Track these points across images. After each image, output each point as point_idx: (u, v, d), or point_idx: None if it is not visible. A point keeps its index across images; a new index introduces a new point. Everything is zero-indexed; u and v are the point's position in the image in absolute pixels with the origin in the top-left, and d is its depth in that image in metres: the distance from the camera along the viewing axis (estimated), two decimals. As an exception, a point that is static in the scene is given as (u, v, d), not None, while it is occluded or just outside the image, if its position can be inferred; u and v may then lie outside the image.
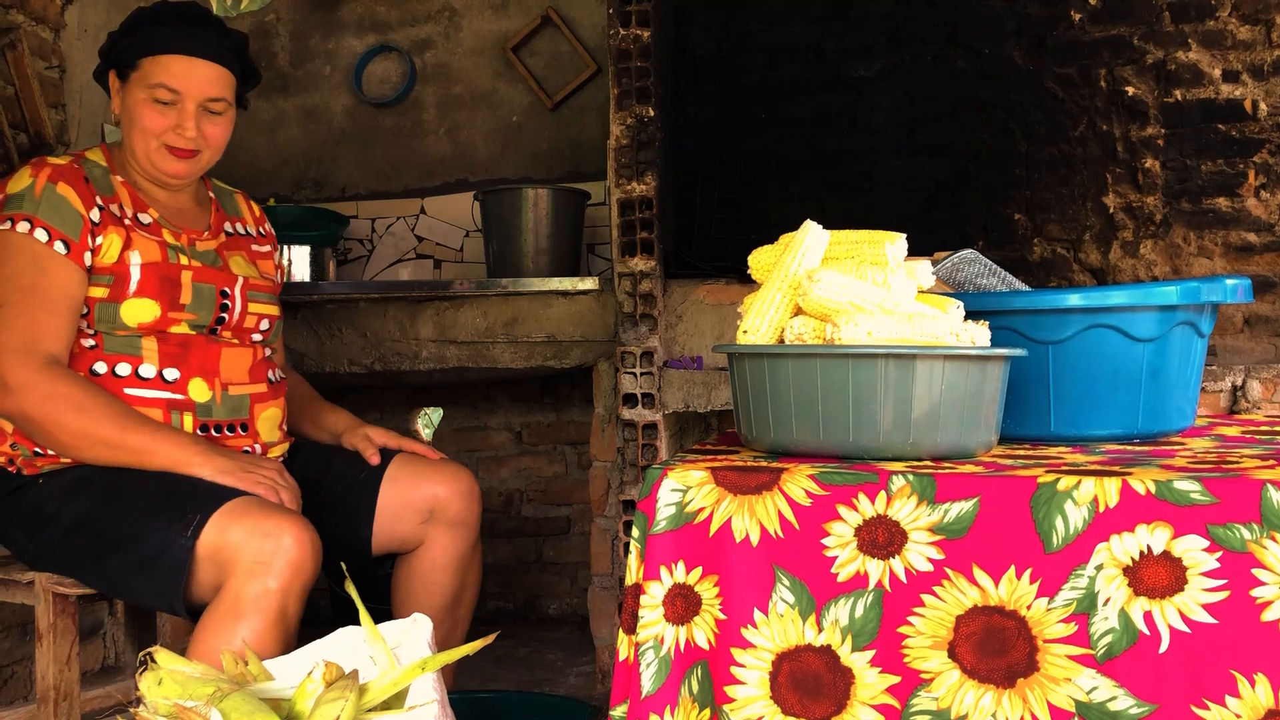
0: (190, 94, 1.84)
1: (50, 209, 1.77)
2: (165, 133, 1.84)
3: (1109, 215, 2.70)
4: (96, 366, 1.79)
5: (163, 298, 1.81)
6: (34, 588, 1.79)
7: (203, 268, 1.88)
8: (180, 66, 1.83)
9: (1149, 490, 1.10)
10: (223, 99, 1.88)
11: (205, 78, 1.85)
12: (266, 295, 1.98)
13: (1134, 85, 2.68)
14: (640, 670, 1.20)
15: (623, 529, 2.57)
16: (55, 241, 1.75)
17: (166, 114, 1.84)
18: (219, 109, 1.88)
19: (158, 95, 1.83)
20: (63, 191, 1.79)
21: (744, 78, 2.93)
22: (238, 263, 1.96)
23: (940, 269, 1.69)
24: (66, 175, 1.81)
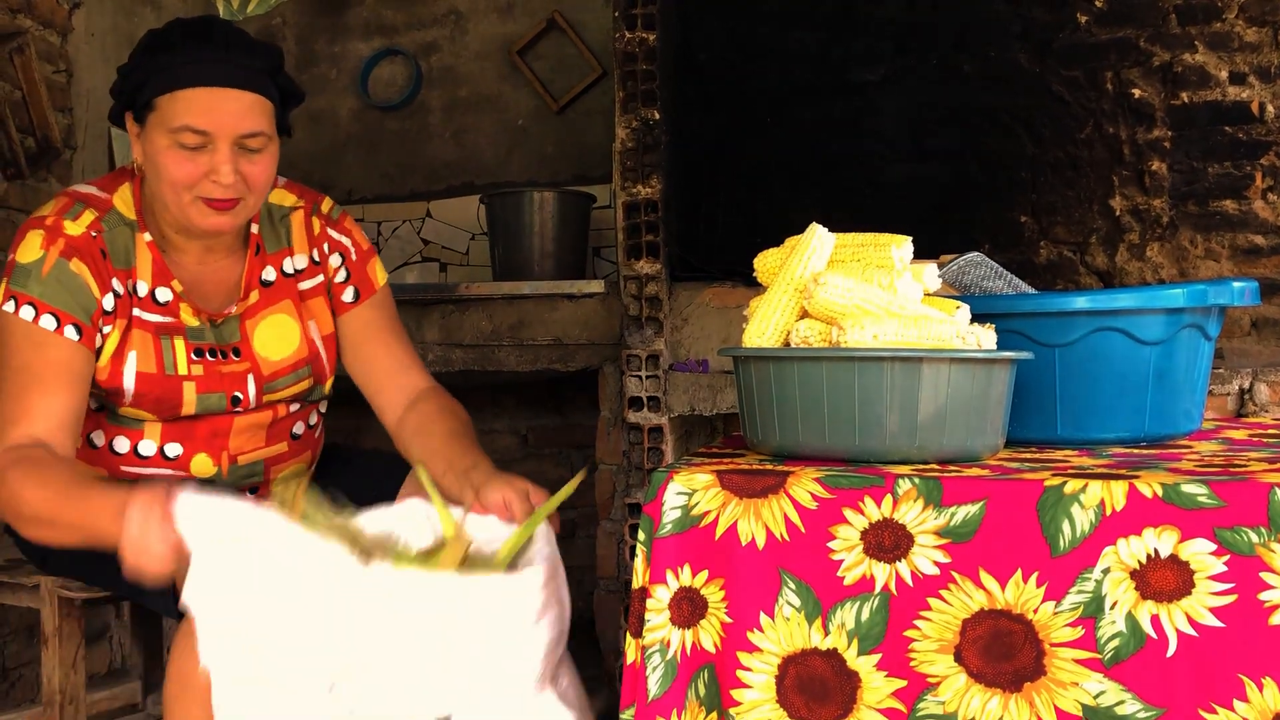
0: (221, 133, 1.55)
1: (60, 290, 1.57)
2: (198, 183, 1.56)
3: (1115, 218, 2.70)
4: (94, 437, 1.69)
5: (160, 411, 1.66)
6: (39, 591, 1.79)
7: (209, 370, 1.67)
8: (205, 101, 1.54)
9: (1156, 494, 1.10)
10: (261, 133, 1.58)
11: (237, 111, 1.55)
12: (295, 374, 1.73)
13: (1140, 88, 2.67)
14: (647, 674, 1.20)
15: (628, 532, 2.57)
16: (66, 326, 1.57)
17: (196, 160, 1.55)
18: (258, 145, 1.58)
19: (183, 140, 1.54)
20: (76, 269, 1.58)
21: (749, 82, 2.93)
22: (269, 331, 1.72)
23: (946, 272, 1.69)
24: (81, 250, 1.59)
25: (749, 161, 2.91)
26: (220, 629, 1.30)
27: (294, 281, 1.76)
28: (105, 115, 3.04)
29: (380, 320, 1.82)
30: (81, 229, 1.61)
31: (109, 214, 1.64)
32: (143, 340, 1.64)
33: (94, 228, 1.62)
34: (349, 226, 1.82)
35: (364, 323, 1.81)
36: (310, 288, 1.77)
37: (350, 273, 1.80)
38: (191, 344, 1.68)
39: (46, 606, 1.78)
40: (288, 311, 1.74)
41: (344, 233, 1.81)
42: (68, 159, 2.92)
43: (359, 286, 1.80)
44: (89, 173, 2.98)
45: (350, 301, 1.80)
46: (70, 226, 1.61)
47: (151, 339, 1.65)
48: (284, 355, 1.73)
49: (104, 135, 3.06)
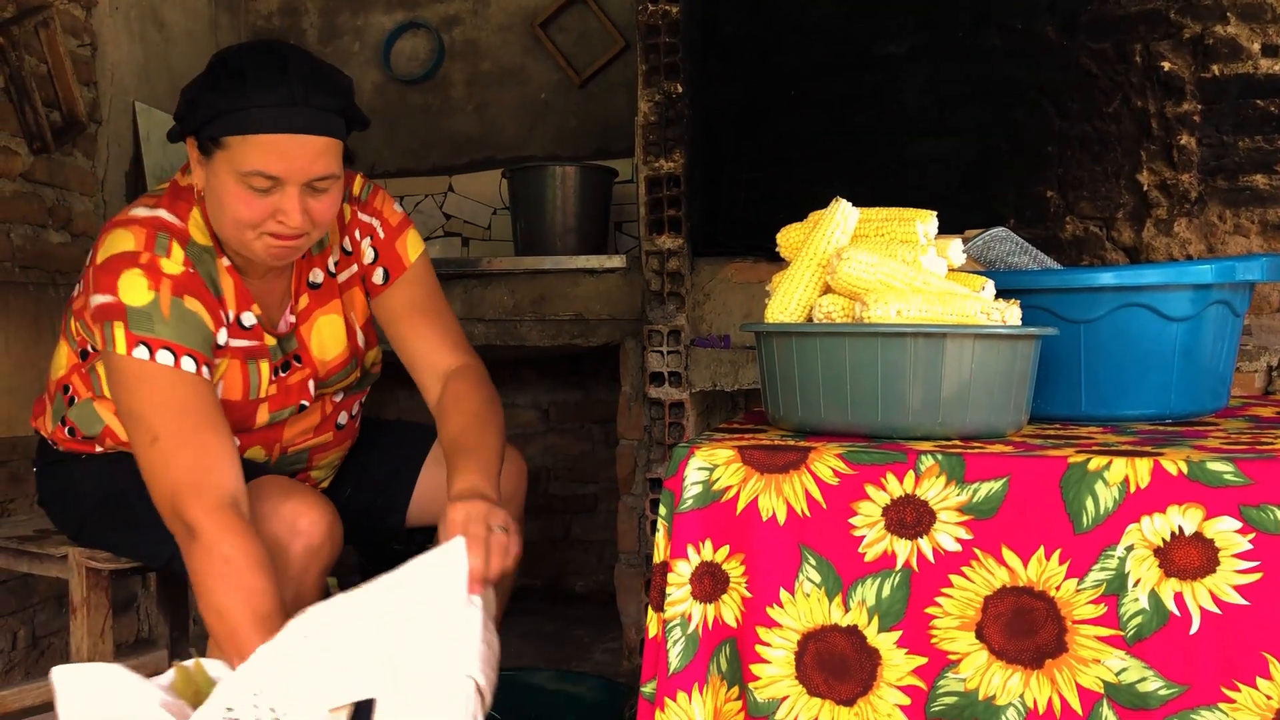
0: (293, 179, 1.50)
1: (188, 330, 1.53)
2: (264, 222, 1.53)
3: (1143, 193, 2.67)
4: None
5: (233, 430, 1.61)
6: (68, 561, 1.82)
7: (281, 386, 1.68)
8: (280, 148, 1.48)
9: (1181, 471, 1.09)
10: (330, 175, 1.54)
11: (310, 156, 1.50)
12: (344, 371, 1.75)
13: (1170, 60, 2.64)
14: (668, 647, 1.21)
15: (649, 507, 2.57)
16: (202, 368, 1.54)
17: (265, 201, 1.51)
18: (326, 186, 1.54)
19: (253, 183, 1.50)
20: (193, 308, 1.55)
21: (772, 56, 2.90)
22: (322, 332, 1.72)
23: (971, 247, 1.67)
24: (190, 287, 1.55)
25: (772, 136, 2.90)
26: None
27: (335, 280, 1.75)
28: (129, 89, 3.05)
29: (409, 300, 1.78)
30: (179, 267, 1.56)
31: (190, 244, 1.60)
32: (231, 368, 1.63)
33: (187, 264, 1.57)
34: (378, 206, 1.78)
35: (394, 304, 1.78)
36: (347, 279, 1.76)
37: (378, 252, 1.77)
38: (275, 363, 1.68)
39: (74, 577, 1.81)
40: (335, 310, 1.73)
41: (373, 214, 1.77)
42: (93, 133, 2.93)
43: (388, 266, 1.77)
44: (114, 147, 2.99)
45: (381, 283, 1.77)
46: (168, 265, 1.55)
47: (240, 365, 1.64)
48: (337, 354, 1.74)
49: (128, 110, 3.07)
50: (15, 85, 2.67)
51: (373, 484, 1.87)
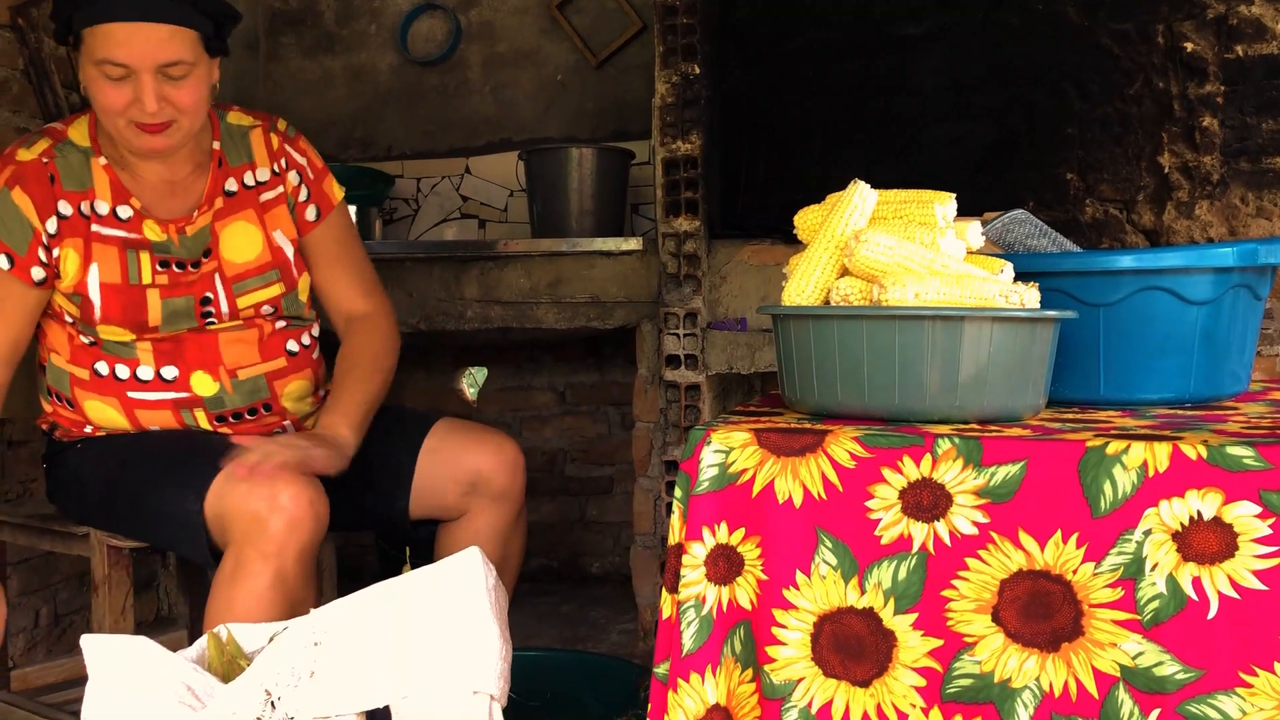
0: (140, 65, 1.61)
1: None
2: (127, 109, 1.64)
3: (1164, 175, 2.65)
4: (99, 367, 1.76)
5: (127, 322, 1.73)
6: (89, 540, 1.83)
7: (174, 279, 1.75)
8: (122, 34, 1.60)
9: (1200, 455, 1.09)
10: (180, 61, 1.63)
11: (155, 43, 1.61)
12: (262, 277, 1.81)
13: (1193, 41, 2.61)
14: (682, 629, 1.21)
15: (665, 489, 2.58)
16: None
17: (122, 89, 1.63)
18: (180, 73, 1.64)
19: (106, 71, 1.62)
20: (17, 200, 1.68)
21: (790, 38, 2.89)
22: (234, 236, 1.81)
23: (990, 230, 1.66)
24: (27, 177, 1.69)
25: (789, 117, 2.88)
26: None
27: (255, 193, 1.84)
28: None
29: (329, 240, 1.91)
30: (34, 155, 1.71)
31: (63, 143, 1.74)
32: (106, 253, 1.72)
33: (46, 154, 1.72)
34: (304, 146, 1.92)
35: (317, 243, 1.90)
36: (272, 198, 1.85)
37: (310, 191, 1.89)
38: (157, 256, 1.76)
39: (96, 555, 1.83)
40: (250, 220, 1.83)
41: (300, 151, 1.90)
42: (111, 115, 2.94)
43: (319, 204, 1.91)
44: (132, 128, 3.00)
45: (313, 220, 1.90)
46: (22, 154, 1.71)
47: (116, 251, 1.73)
48: (249, 258, 1.81)
49: (147, 91, 3.07)
50: (35, 67, 2.69)
51: (371, 468, 1.86)
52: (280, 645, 1.30)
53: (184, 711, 1.25)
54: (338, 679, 1.28)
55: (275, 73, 3.59)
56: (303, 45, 3.57)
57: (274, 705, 1.26)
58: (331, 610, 1.33)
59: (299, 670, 1.28)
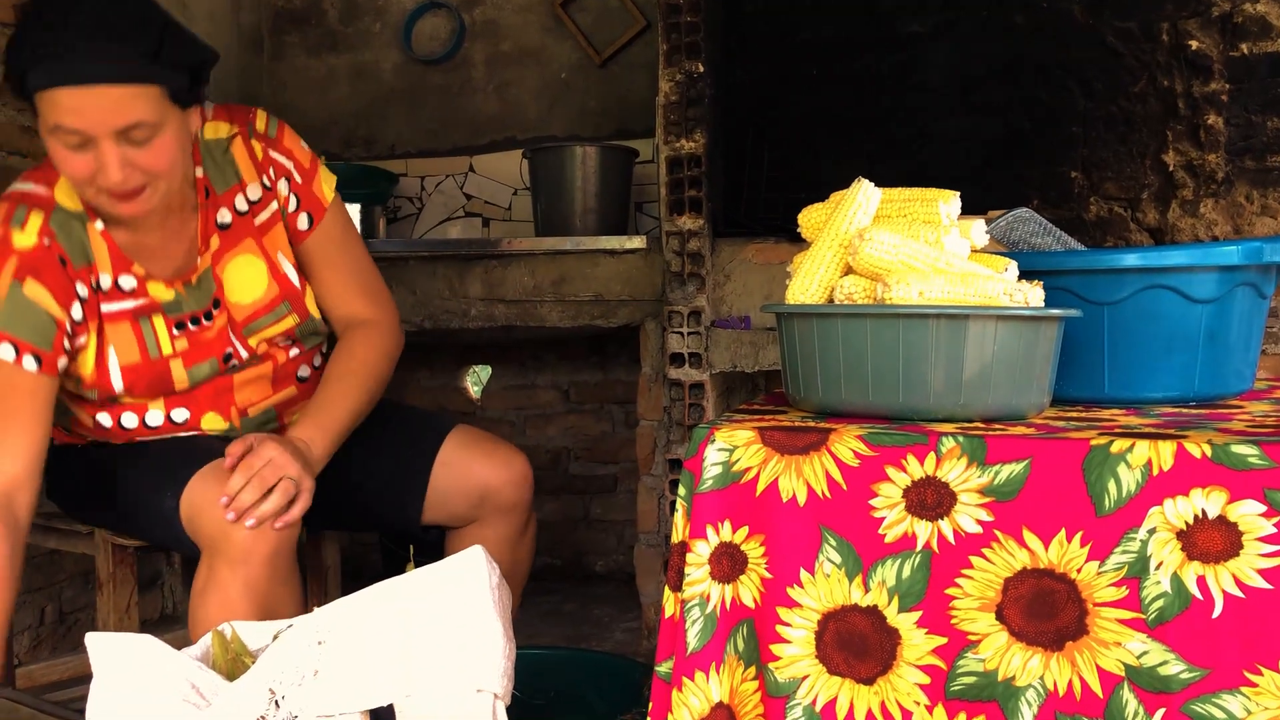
0: (96, 131, 1.44)
1: (18, 318, 1.53)
2: (93, 178, 1.48)
3: (1168, 173, 2.64)
4: (101, 418, 1.71)
5: (152, 394, 1.66)
6: (94, 538, 1.84)
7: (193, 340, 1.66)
8: (72, 101, 1.42)
9: (1205, 454, 1.08)
10: (141, 124, 1.46)
11: (108, 107, 1.43)
12: (272, 314, 1.71)
13: (1198, 39, 2.60)
14: (686, 627, 1.21)
15: (669, 487, 2.58)
16: (24, 357, 1.54)
17: (83, 157, 1.46)
18: (142, 135, 1.47)
19: (63, 139, 1.46)
20: (31, 294, 1.53)
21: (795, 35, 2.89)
22: (237, 274, 1.68)
23: (994, 228, 1.66)
24: (38, 266, 1.54)
25: (794, 115, 2.88)
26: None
27: (250, 218, 1.70)
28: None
29: (324, 246, 1.77)
30: (33, 239, 1.55)
31: (55, 212, 1.57)
32: (119, 331, 1.62)
33: (44, 233, 1.56)
34: (288, 145, 1.74)
35: (312, 250, 1.77)
36: (268, 218, 1.71)
37: (299, 198, 1.74)
38: (171, 319, 1.66)
39: (101, 553, 1.83)
40: (250, 251, 1.70)
41: (285, 152, 1.73)
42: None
43: (310, 210, 1.75)
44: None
45: (306, 229, 1.75)
46: (20, 238, 1.55)
47: (129, 325, 1.63)
48: (256, 297, 1.70)
49: (151, 90, 3.08)
50: (39, 66, 2.68)
51: (384, 475, 1.84)
52: (284, 644, 1.30)
53: (189, 710, 1.25)
54: (341, 678, 1.29)
55: (279, 71, 3.59)
56: (307, 44, 3.58)
57: (278, 704, 1.26)
58: (335, 609, 1.33)
59: (303, 669, 1.28)
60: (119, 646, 1.31)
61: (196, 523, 1.56)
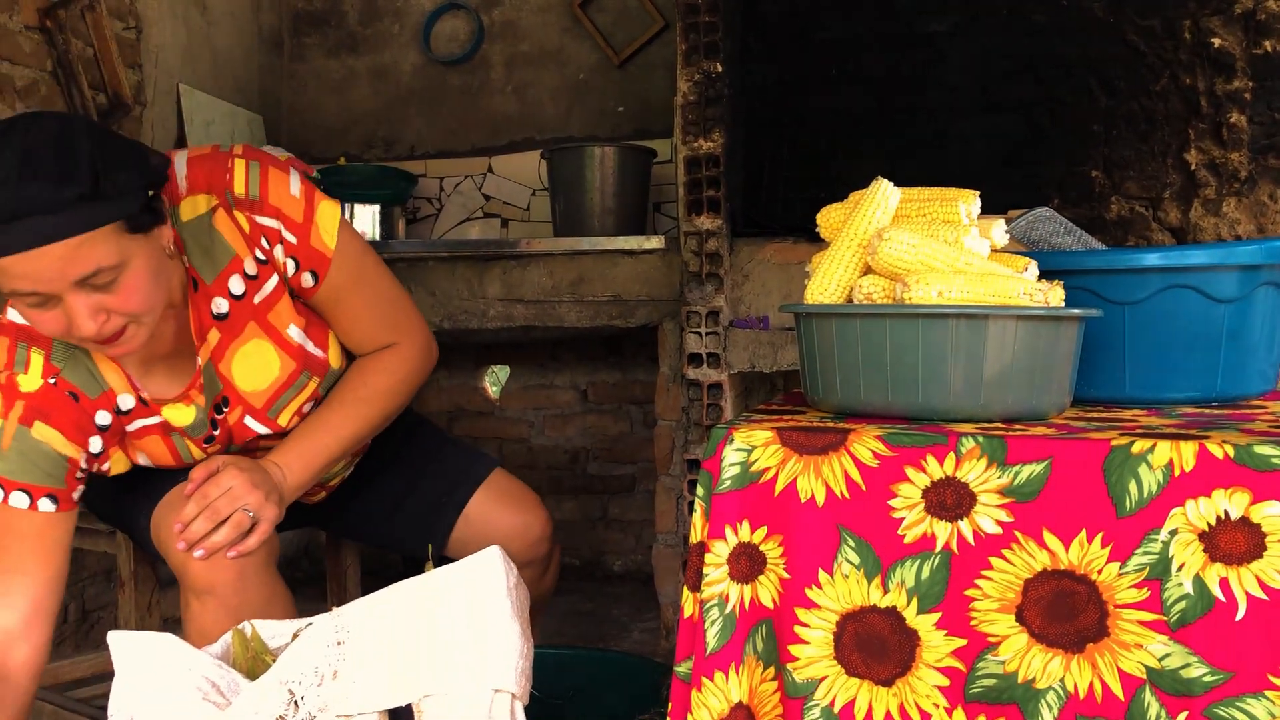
0: (56, 289, 1.30)
1: (27, 464, 1.46)
2: (69, 331, 1.35)
3: (1190, 172, 2.62)
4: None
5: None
6: (116, 537, 1.85)
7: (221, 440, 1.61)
8: (19, 268, 1.27)
9: (1227, 455, 1.07)
10: (100, 269, 1.30)
11: (58, 265, 1.27)
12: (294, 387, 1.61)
13: (1220, 37, 2.58)
14: (705, 627, 1.21)
15: (687, 487, 2.58)
16: (40, 500, 1.47)
17: (53, 314, 1.33)
18: (104, 279, 1.31)
19: (26, 302, 1.33)
20: (40, 435, 1.46)
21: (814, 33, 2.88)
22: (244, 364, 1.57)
23: (1015, 227, 1.66)
24: (45, 408, 1.46)
25: (813, 114, 2.87)
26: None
27: (247, 300, 1.54)
28: (173, 71, 3.08)
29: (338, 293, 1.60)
30: (37, 381, 1.47)
31: (55, 347, 1.48)
32: (151, 444, 1.58)
33: (48, 373, 1.47)
34: (275, 202, 1.52)
35: (323, 302, 1.61)
36: (269, 294, 1.55)
37: (298, 260, 1.54)
38: (197, 439, 1.60)
39: (123, 552, 1.84)
40: (255, 336, 1.56)
41: (273, 214, 1.51)
42: (138, 115, 2.97)
43: (314, 268, 1.56)
44: (159, 129, 3.03)
45: (312, 285, 1.57)
46: (25, 382, 1.47)
47: (159, 439, 1.58)
48: (272, 379, 1.59)
49: (172, 91, 3.10)
50: (63, 68, 2.71)
51: (415, 509, 1.83)
52: (303, 643, 1.31)
53: (209, 708, 1.26)
54: (360, 678, 1.29)
55: (299, 72, 3.61)
56: (326, 45, 3.59)
57: (297, 704, 1.26)
58: (354, 609, 1.34)
59: (322, 669, 1.28)
60: (140, 644, 1.32)
61: (162, 550, 1.56)
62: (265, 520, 1.50)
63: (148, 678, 1.29)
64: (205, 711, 1.26)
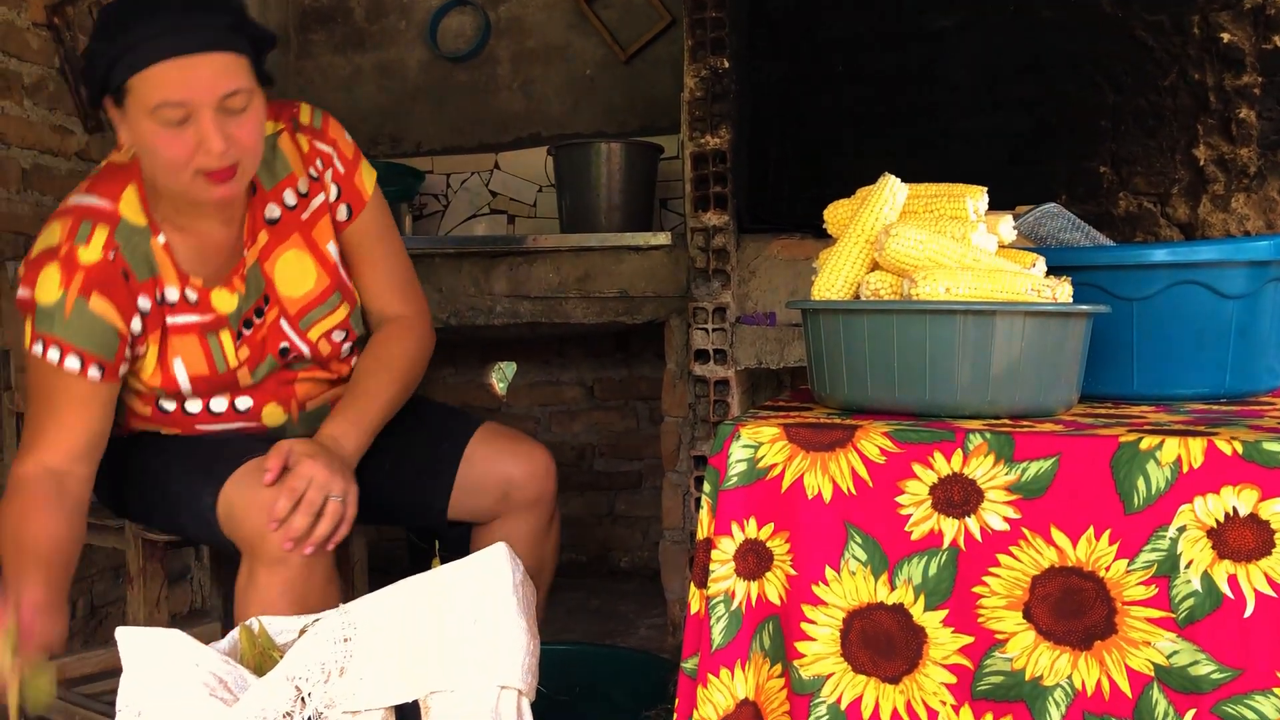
0: (201, 100, 1.49)
1: (84, 332, 1.59)
2: (192, 158, 1.52)
3: (1199, 168, 2.61)
4: (164, 404, 1.74)
5: (219, 393, 1.72)
6: (125, 533, 1.86)
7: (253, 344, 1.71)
8: (176, 72, 1.48)
9: (1236, 451, 1.07)
10: (239, 90, 1.52)
11: (211, 75, 1.49)
12: (325, 305, 1.76)
13: (1230, 31, 2.57)
14: (711, 624, 1.21)
15: (694, 484, 2.58)
16: (89, 367, 1.61)
17: (183, 135, 1.51)
18: (240, 103, 1.52)
19: (164, 116, 1.49)
20: (96, 308, 1.59)
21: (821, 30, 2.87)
22: (286, 269, 1.72)
23: (1022, 223, 1.65)
24: (103, 281, 1.59)
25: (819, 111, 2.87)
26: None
27: (298, 213, 1.73)
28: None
29: (362, 239, 1.80)
30: (98, 254, 1.60)
31: (119, 226, 1.62)
32: (187, 344, 1.68)
33: (109, 247, 1.61)
34: (333, 135, 1.77)
35: (350, 242, 1.80)
36: (314, 211, 1.74)
37: (341, 188, 1.77)
38: (235, 328, 1.70)
39: (131, 548, 1.85)
40: (298, 245, 1.73)
41: (329, 142, 1.76)
42: (145, 112, 2.97)
43: (350, 202, 1.78)
44: (165, 126, 3.03)
45: (345, 219, 1.78)
46: (85, 254, 1.59)
47: (197, 340, 1.68)
48: (307, 289, 1.74)
49: (179, 88, 3.10)
50: (70, 65, 2.72)
51: (411, 470, 1.86)
52: (310, 640, 1.31)
53: (216, 704, 1.27)
54: (367, 674, 1.29)
55: (305, 69, 3.61)
56: (333, 41, 3.59)
57: (304, 700, 1.27)
58: (360, 606, 1.34)
59: (328, 665, 1.29)
60: (148, 640, 1.32)
61: (234, 524, 1.58)
62: (351, 505, 1.59)
63: (156, 673, 1.29)
64: (213, 707, 1.26)
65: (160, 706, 1.27)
